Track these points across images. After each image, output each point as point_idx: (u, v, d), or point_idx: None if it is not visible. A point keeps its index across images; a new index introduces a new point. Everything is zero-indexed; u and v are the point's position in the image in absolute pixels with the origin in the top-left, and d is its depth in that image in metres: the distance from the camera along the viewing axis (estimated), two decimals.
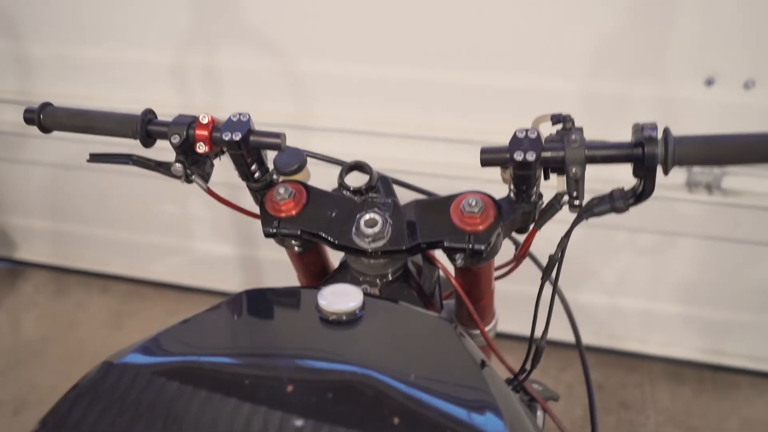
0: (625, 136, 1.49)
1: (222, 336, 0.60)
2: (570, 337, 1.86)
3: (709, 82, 1.42)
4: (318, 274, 0.85)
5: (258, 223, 0.76)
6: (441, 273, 0.84)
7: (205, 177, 0.81)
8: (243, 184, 0.80)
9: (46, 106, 0.79)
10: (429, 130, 1.63)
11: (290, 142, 0.80)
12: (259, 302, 0.65)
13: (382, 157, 1.65)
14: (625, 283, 1.80)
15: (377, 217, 0.72)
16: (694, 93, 1.44)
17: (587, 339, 1.87)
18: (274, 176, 0.80)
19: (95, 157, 0.83)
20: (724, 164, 0.63)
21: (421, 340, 0.60)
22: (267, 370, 0.55)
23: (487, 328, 0.91)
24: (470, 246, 0.69)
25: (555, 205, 0.72)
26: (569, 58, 1.46)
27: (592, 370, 1.83)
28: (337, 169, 0.80)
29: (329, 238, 0.73)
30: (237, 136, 0.72)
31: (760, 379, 1.82)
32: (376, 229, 0.71)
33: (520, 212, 0.72)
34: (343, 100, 1.66)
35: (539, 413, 0.89)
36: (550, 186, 0.73)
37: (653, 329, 1.86)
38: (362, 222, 0.72)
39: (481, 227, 0.70)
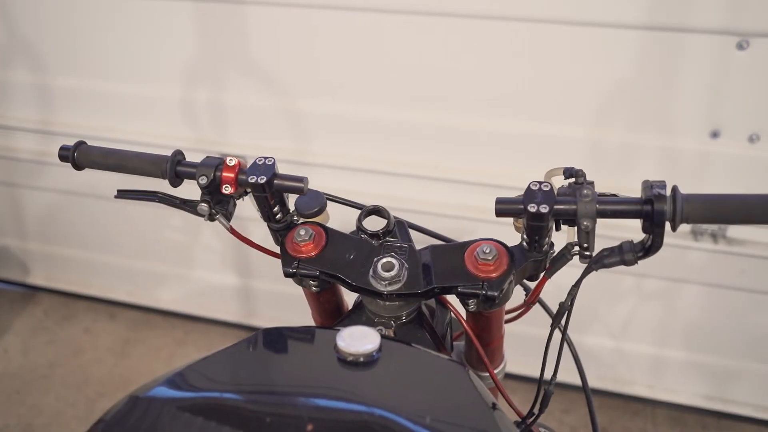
0: (631, 182, 1.56)
1: (243, 373, 0.62)
2: (573, 379, 1.87)
3: (715, 135, 1.46)
4: (332, 313, 0.88)
5: (270, 258, 0.79)
6: (452, 315, 0.87)
7: (228, 216, 0.85)
8: (256, 216, 0.83)
9: (80, 144, 0.83)
10: (432, 171, 1.67)
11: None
12: (279, 341, 0.67)
13: (384, 195, 1.70)
14: (631, 327, 1.81)
15: (394, 261, 0.75)
16: (700, 145, 1.48)
17: (592, 382, 1.89)
18: (295, 217, 0.83)
19: (123, 193, 0.86)
20: (731, 223, 0.66)
21: (435, 383, 0.63)
22: (287, 408, 0.58)
23: (496, 371, 0.92)
24: (484, 292, 0.72)
25: (566, 255, 0.74)
26: (578, 108, 1.51)
27: (597, 414, 1.84)
28: (354, 212, 0.83)
29: (347, 280, 0.76)
30: (262, 180, 0.76)
31: (764, 428, 1.82)
32: (393, 272, 0.74)
33: (532, 260, 0.75)
34: (345, 137, 1.71)
35: None
36: (561, 235, 0.76)
37: (658, 374, 1.87)
38: (379, 265, 0.75)
39: (494, 274, 0.73)
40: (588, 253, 0.73)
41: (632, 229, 1.43)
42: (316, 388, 0.61)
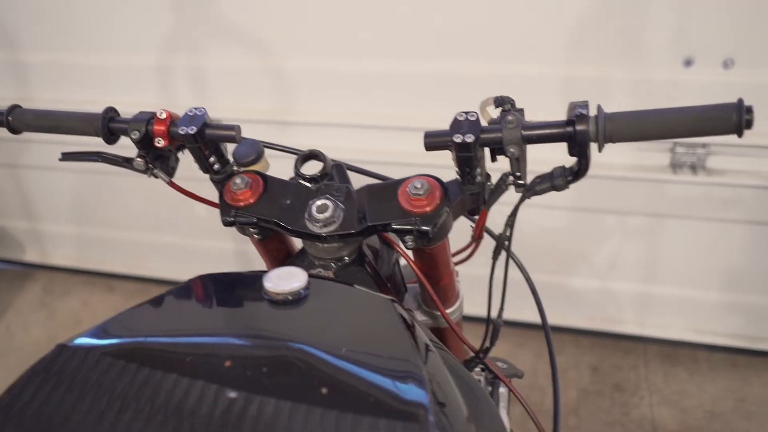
0: None
1: (170, 319, 0.63)
2: (566, 321, 1.88)
3: (688, 63, 1.42)
4: (283, 261, 0.88)
5: None
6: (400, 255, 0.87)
7: (169, 171, 0.85)
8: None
9: (14, 108, 0.82)
10: (402, 121, 1.65)
11: (271, 136, 0.82)
12: (209, 287, 0.68)
13: (361, 148, 1.68)
14: (617, 266, 1.81)
15: (328, 202, 0.75)
16: (674, 74, 1.44)
17: (580, 323, 1.90)
18: (234, 168, 0.83)
19: (67, 156, 0.86)
20: (655, 139, 0.64)
21: (359, 318, 0.63)
22: (208, 348, 0.58)
23: (450, 309, 0.93)
24: (417, 227, 0.72)
25: (501, 185, 0.74)
26: (545, 44, 1.47)
27: (587, 354, 1.86)
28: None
29: (284, 225, 0.76)
30: (192, 130, 0.76)
31: (756, 358, 1.82)
32: (327, 214, 0.74)
33: (468, 194, 0.74)
34: (322, 94, 1.69)
35: (502, 390, 0.92)
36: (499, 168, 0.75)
37: (647, 312, 1.87)
38: (314, 208, 0.75)
39: (427, 209, 0.72)
40: (521, 182, 0.72)
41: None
42: (241, 328, 0.61)
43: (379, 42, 1.57)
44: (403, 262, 0.92)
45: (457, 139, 0.67)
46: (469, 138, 0.67)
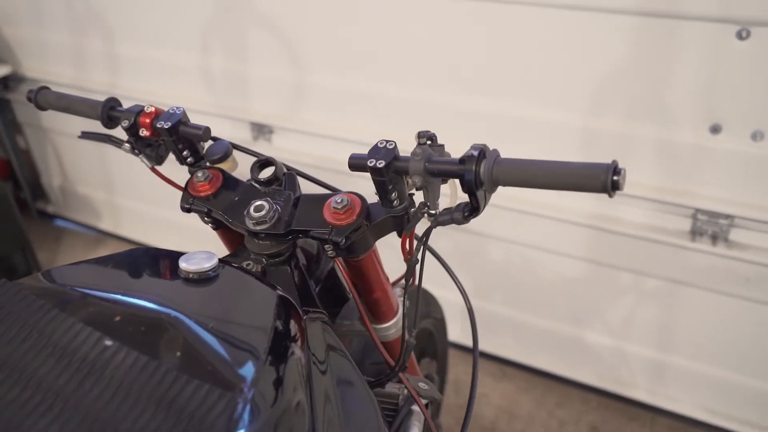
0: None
1: (95, 276, 0.75)
2: (576, 375, 1.86)
3: (715, 130, 1.39)
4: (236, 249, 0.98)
5: None
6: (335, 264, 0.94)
7: (157, 158, 0.98)
8: None
9: (42, 88, 0.99)
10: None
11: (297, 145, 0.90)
12: (140, 258, 0.79)
13: None
14: (632, 327, 1.76)
15: (265, 203, 0.84)
16: (699, 139, 1.42)
17: (591, 380, 1.86)
18: (208, 163, 0.95)
19: (85, 135, 1.02)
20: (537, 188, 0.68)
21: (241, 302, 0.71)
22: (110, 305, 0.69)
23: (385, 324, 0.98)
24: (330, 237, 0.79)
25: (417, 212, 0.80)
26: (572, 94, 1.49)
27: (591, 412, 1.82)
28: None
29: (226, 217, 0.87)
30: (167, 125, 0.88)
31: None
32: (262, 213, 0.83)
33: (390, 216, 0.81)
34: (343, 109, 1.80)
35: (416, 408, 0.96)
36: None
37: (660, 380, 1.80)
38: (252, 207, 0.84)
39: (343, 222, 0.80)
40: (432, 211, 0.77)
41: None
42: (144, 294, 0.71)
43: (407, 69, 1.66)
44: None
45: (371, 163, 0.74)
46: (380, 164, 0.74)
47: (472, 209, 0.73)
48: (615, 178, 0.63)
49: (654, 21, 1.34)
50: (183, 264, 0.74)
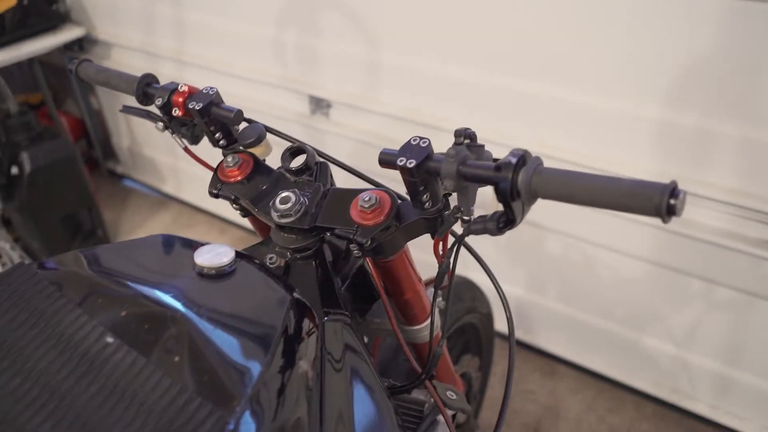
0: (706, 175, 1.38)
1: (111, 264, 0.73)
2: (631, 380, 1.75)
3: None
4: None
5: None
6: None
7: (192, 138, 0.95)
8: None
9: (83, 61, 0.98)
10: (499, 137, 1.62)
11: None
12: (159, 246, 0.76)
13: None
14: (697, 337, 1.63)
15: (292, 195, 0.80)
16: None
17: (646, 387, 1.75)
18: (241, 147, 0.91)
19: (126, 109, 1.00)
20: (582, 204, 0.60)
21: (252, 303, 0.68)
22: (119, 297, 0.67)
23: (416, 327, 0.93)
24: (354, 237, 0.74)
25: (449, 217, 0.73)
26: (652, 82, 1.36)
27: (645, 421, 1.73)
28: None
29: (252, 206, 0.83)
30: (198, 106, 0.84)
31: None
32: (288, 206, 0.79)
33: (423, 218, 0.75)
34: (415, 90, 1.71)
35: (439, 418, 0.91)
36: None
37: (724, 396, 1.67)
38: (278, 198, 0.80)
39: (369, 222, 0.74)
40: (466, 218, 0.71)
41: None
42: (154, 288, 0.68)
43: (474, 51, 1.56)
44: None
45: (400, 162, 0.68)
46: (410, 163, 0.67)
47: (507, 221, 0.66)
48: (672, 201, 0.54)
49: (749, 5, 1.19)
50: (198, 258, 0.71)
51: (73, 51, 2.46)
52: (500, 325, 1.52)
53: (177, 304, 0.66)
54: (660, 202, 0.54)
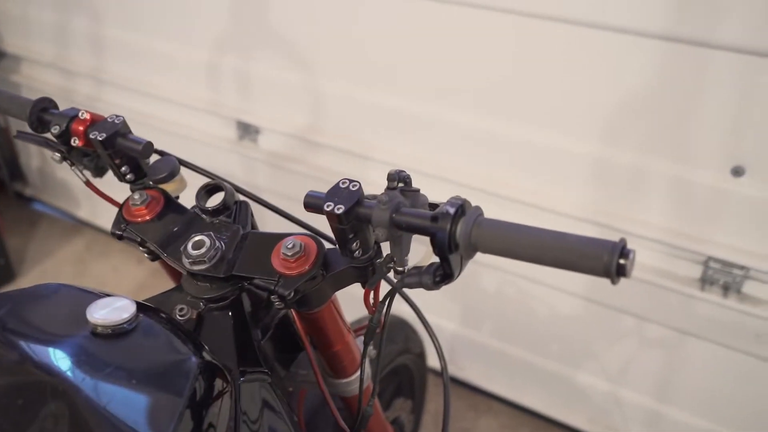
0: (637, 213, 1.35)
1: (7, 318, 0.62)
2: (566, 418, 1.71)
3: (737, 173, 1.25)
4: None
5: None
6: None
7: (96, 171, 0.84)
8: None
9: None
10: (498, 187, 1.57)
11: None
12: (50, 298, 0.66)
13: None
14: (628, 373, 1.62)
15: (207, 239, 0.71)
16: (719, 181, 1.28)
17: (581, 424, 1.73)
18: (150, 183, 0.81)
19: (21, 135, 0.89)
20: (524, 260, 0.55)
21: (155, 368, 0.59)
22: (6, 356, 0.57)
23: (346, 380, 0.85)
24: (276, 288, 0.66)
25: (381, 267, 0.67)
26: (589, 120, 1.35)
27: None
28: None
29: (161, 251, 0.74)
30: (101, 137, 0.75)
31: None
32: (201, 251, 0.70)
33: (351, 267, 0.68)
34: (359, 122, 1.66)
35: None
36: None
37: (656, 431, 1.66)
38: (191, 242, 0.71)
39: (293, 272, 0.67)
40: (400, 268, 0.64)
41: None
42: (43, 350, 0.59)
43: (420, 83, 1.52)
44: None
45: (327, 207, 0.61)
46: (339, 209, 0.60)
47: (444, 275, 0.60)
48: (621, 261, 0.50)
49: (682, 48, 1.20)
50: (92, 314, 0.61)
51: None
52: (433, 360, 1.46)
53: (63, 371, 0.56)
54: (609, 262, 0.50)
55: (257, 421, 0.69)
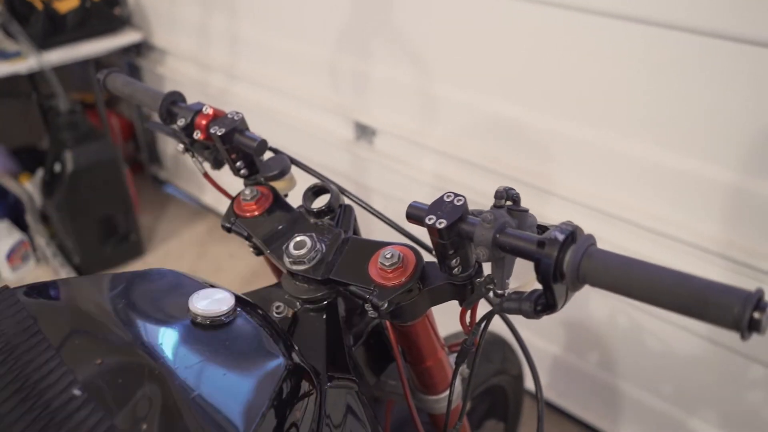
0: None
1: (100, 299, 0.66)
2: None
3: None
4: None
5: None
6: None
7: (215, 163, 0.88)
8: None
9: (111, 72, 0.93)
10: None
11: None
12: (156, 283, 0.69)
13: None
14: (754, 429, 1.46)
15: (308, 240, 0.71)
16: None
17: None
18: (261, 179, 0.84)
19: (151, 125, 0.95)
20: (637, 300, 0.49)
21: (245, 365, 0.59)
22: (98, 341, 0.60)
23: (435, 397, 0.83)
24: (370, 298, 0.65)
25: (480, 287, 0.64)
26: (726, 143, 1.23)
27: None
28: None
29: (265, 248, 0.75)
30: (220, 131, 0.78)
31: None
32: (302, 252, 0.71)
33: (448, 283, 0.65)
34: (474, 128, 1.62)
35: None
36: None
37: None
38: (293, 242, 0.72)
39: (389, 283, 0.65)
40: (500, 291, 0.61)
41: None
42: (142, 335, 0.61)
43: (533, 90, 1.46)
44: None
45: (429, 220, 0.59)
46: (441, 224, 0.58)
47: (546, 305, 0.56)
48: (756, 315, 0.43)
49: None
50: (193, 304, 0.63)
51: (131, 55, 2.47)
52: (530, 383, 1.39)
53: (160, 356, 0.58)
54: (741, 314, 0.43)
55: (340, 426, 0.68)
